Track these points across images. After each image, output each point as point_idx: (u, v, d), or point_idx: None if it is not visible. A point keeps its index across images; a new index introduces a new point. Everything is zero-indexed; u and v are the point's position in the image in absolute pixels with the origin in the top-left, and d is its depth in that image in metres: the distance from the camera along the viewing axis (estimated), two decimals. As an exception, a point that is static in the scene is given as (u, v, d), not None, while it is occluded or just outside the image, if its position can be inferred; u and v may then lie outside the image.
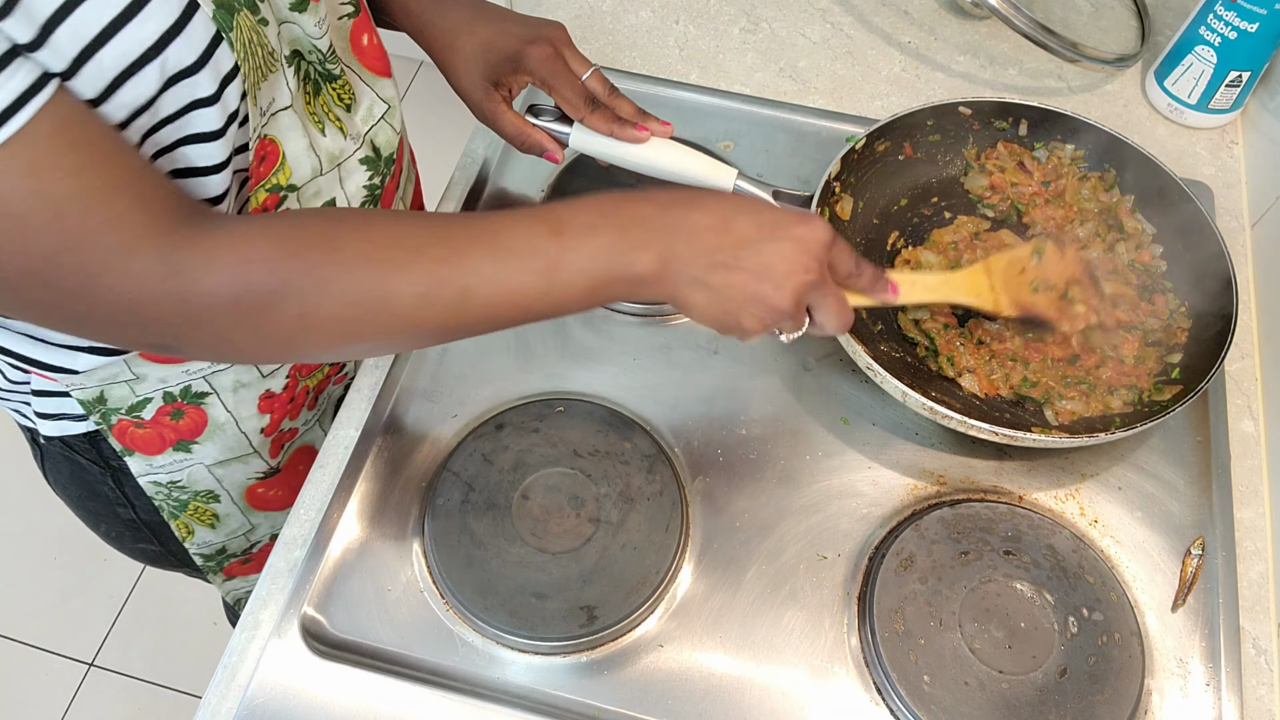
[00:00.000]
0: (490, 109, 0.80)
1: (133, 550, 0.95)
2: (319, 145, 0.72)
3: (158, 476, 0.82)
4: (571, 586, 0.72)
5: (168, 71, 0.54)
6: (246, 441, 0.83)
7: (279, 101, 0.67)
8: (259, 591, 0.73)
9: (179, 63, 0.54)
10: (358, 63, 0.75)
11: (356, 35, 0.74)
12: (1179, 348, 0.82)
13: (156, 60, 0.53)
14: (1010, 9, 0.92)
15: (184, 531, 0.89)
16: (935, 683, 0.68)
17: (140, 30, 0.51)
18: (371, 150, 0.77)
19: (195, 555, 0.94)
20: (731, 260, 0.59)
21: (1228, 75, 0.96)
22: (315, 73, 0.71)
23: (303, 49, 0.68)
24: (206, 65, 0.56)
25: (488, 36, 0.79)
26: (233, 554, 0.96)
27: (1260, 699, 0.71)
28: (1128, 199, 0.89)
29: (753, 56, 1.07)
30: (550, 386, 0.83)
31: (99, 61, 0.50)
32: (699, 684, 0.70)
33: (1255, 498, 0.79)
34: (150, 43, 0.52)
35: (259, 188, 0.68)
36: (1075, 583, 0.72)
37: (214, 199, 0.64)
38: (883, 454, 0.80)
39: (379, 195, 0.80)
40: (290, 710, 0.68)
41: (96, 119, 0.51)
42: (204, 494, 0.86)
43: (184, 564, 0.97)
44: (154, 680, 1.69)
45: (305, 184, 0.72)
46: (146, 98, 0.54)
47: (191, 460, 0.82)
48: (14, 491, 1.83)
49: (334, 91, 0.73)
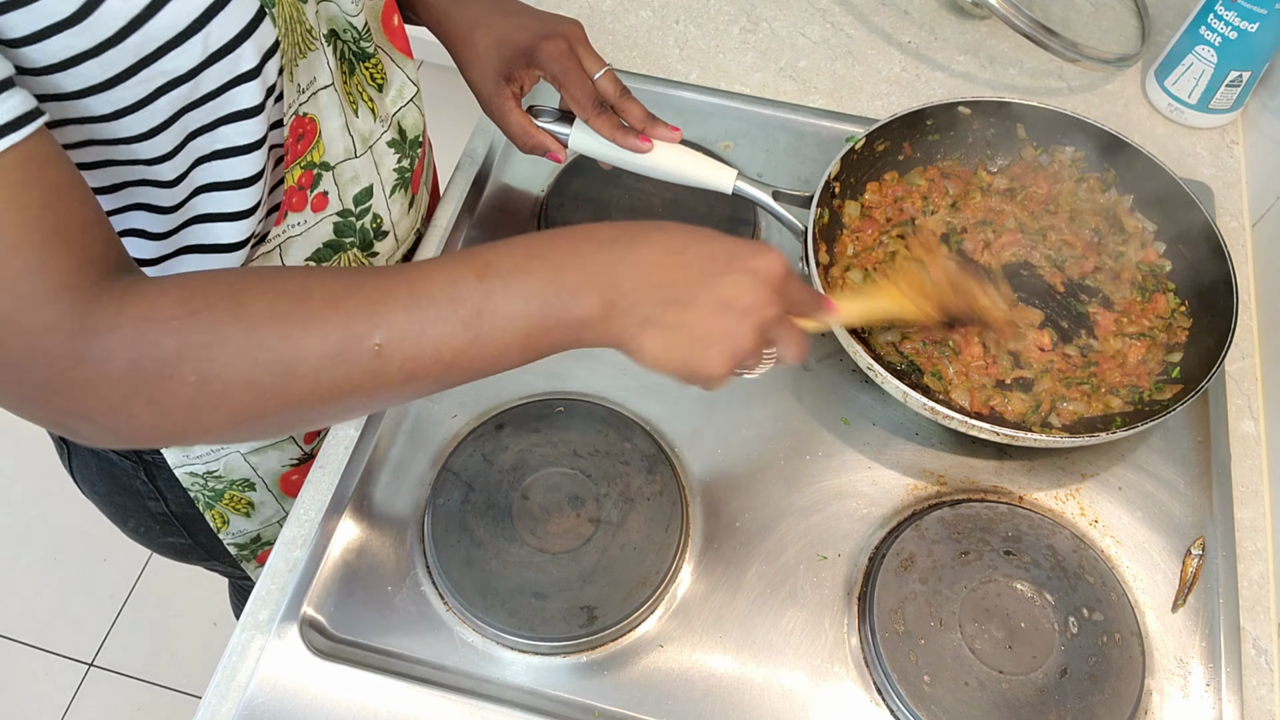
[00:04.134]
0: (498, 104, 0.80)
1: (160, 545, 0.96)
2: (353, 126, 0.72)
3: (194, 467, 0.82)
4: (571, 586, 0.72)
5: (210, 46, 0.54)
6: None
7: (320, 80, 0.67)
8: (259, 591, 0.73)
9: (222, 37, 0.54)
10: (389, 43, 0.76)
11: (388, 15, 0.75)
12: (1179, 348, 0.82)
13: (200, 34, 0.53)
14: (1010, 9, 0.92)
15: (219, 522, 0.90)
16: (935, 683, 0.68)
17: (186, 4, 0.52)
18: (398, 133, 0.78)
19: (230, 545, 0.94)
20: (686, 296, 0.54)
21: (1228, 75, 0.96)
22: (350, 52, 0.71)
23: (339, 27, 0.69)
24: (249, 39, 0.56)
25: (503, 30, 0.79)
26: (266, 542, 0.96)
27: (1260, 699, 0.71)
28: (1126, 199, 0.89)
29: (753, 56, 1.07)
30: (550, 386, 0.83)
31: (146, 32, 0.51)
32: (699, 684, 0.70)
33: (1255, 498, 0.79)
34: (195, 16, 0.52)
35: (295, 165, 0.68)
36: (1075, 583, 0.72)
37: (249, 179, 0.63)
38: (883, 454, 0.80)
39: (409, 179, 0.80)
40: (290, 710, 0.68)
41: (65, 163, 0.50)
42: (240, 482, 0.86)
43: (211, 556, 0.97)
44: (154, 680, 1.69)
45: (339, 164, 0.72)
46: (185, 69, 0.54)
47: (227, 449, 0.82)
48: (14, 492, 1.83)
49: (367, 71, 0.74)
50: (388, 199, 0.80)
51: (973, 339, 0.81)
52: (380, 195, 0.79)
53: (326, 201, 0.74)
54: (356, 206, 0.77)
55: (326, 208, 0.75)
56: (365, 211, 0.78)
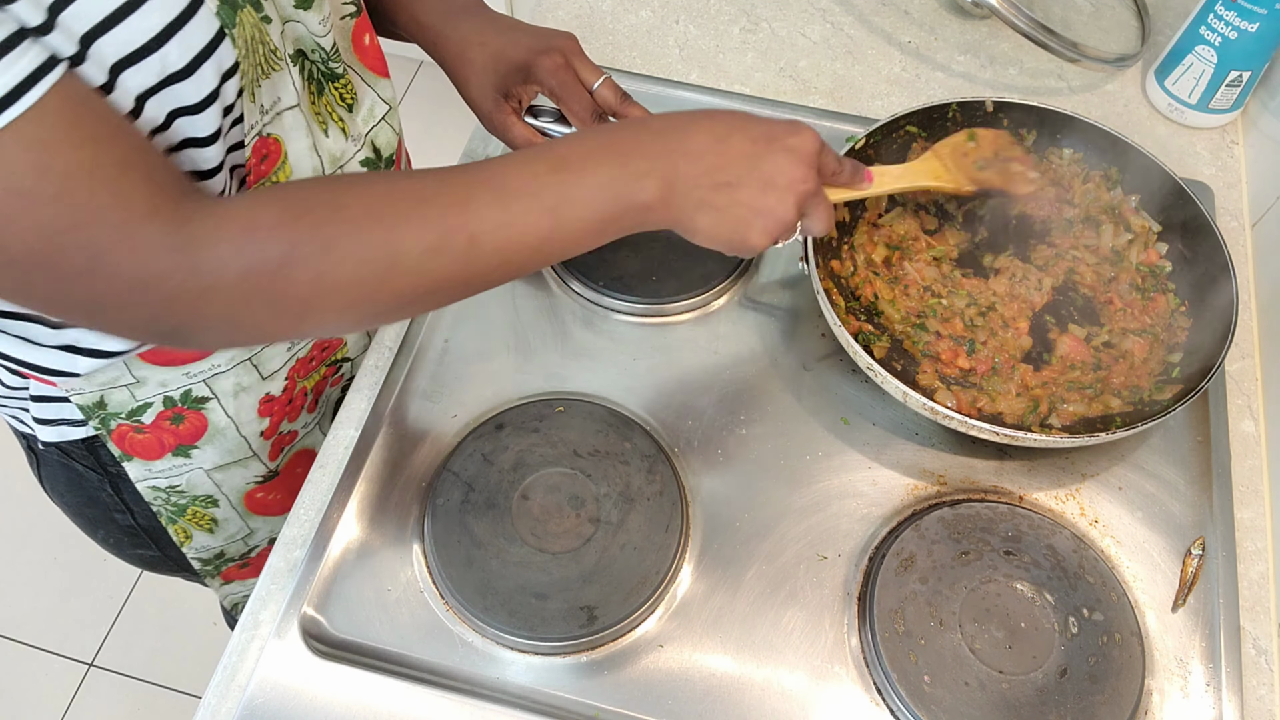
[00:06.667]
0: (500, 120, 0.80)
1: (131, 556, 0.95)
2: (321, 146, 0.72)
3: (156, 481, 0.82)
4: (571, 586, 0.72)
5: (169, 67, 0.54)
6: (246, 445, 0.83)
7: (284, 100, 0.67)
8: (259, 591, 0.73)
9: (180, 59, 0.54)
10: (359, 63, 0.75)
11: (358, 35, 0.74)
12: (1179, 347, 0.82)
13: (157, 54, 0.53)
14: (1010, 9, 0.92)
15: (182, 536, 0.89)
16: (935, 683, 0.68)
17: (144, 21, 0.52)
18: (372, 151, 0.77)
19: (193, 560, 0.94)
20: (734, 179, 0.60)
21: (1228, 75, 0.96)
22: (319, 72, 0.71)
23: (306, 48, 0.68)
24: (208, 61, 0.56)
25: (498, 47, 0.79)
26: (230, 558, 0.96)
27: (1260, 699, 0.71)
28: (1130, 199, 0.89)
29: (753, 56, 1.07)
30: (550, 386, 0.83)
31: (99, 49, 0.50)
32: (699, 684, 0.70)
33: (1255, 498, 0.79)
34: (153, 34, 0.52)
35: (258, 186, 0.68)
36: (1075, 583, 0.72)
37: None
38: (883, 454, 0.80)
39: None
40: (290, 710, 0.68)
41: (103, 100, 0.51)
42: (203, 498, 0.86)
43: (182, 569, 0.97)
44: (154, 680, 1.69)
45: None
46: (147, 87, 0.54)
47: (191, 465, 0.82)
48: (14, 492, 1.83)
49: (336, 91, 0.73)
50: None
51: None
52: None
53: None
54: None
55: None
56: None
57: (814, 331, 0.86)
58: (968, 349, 0.82)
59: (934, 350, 0.82)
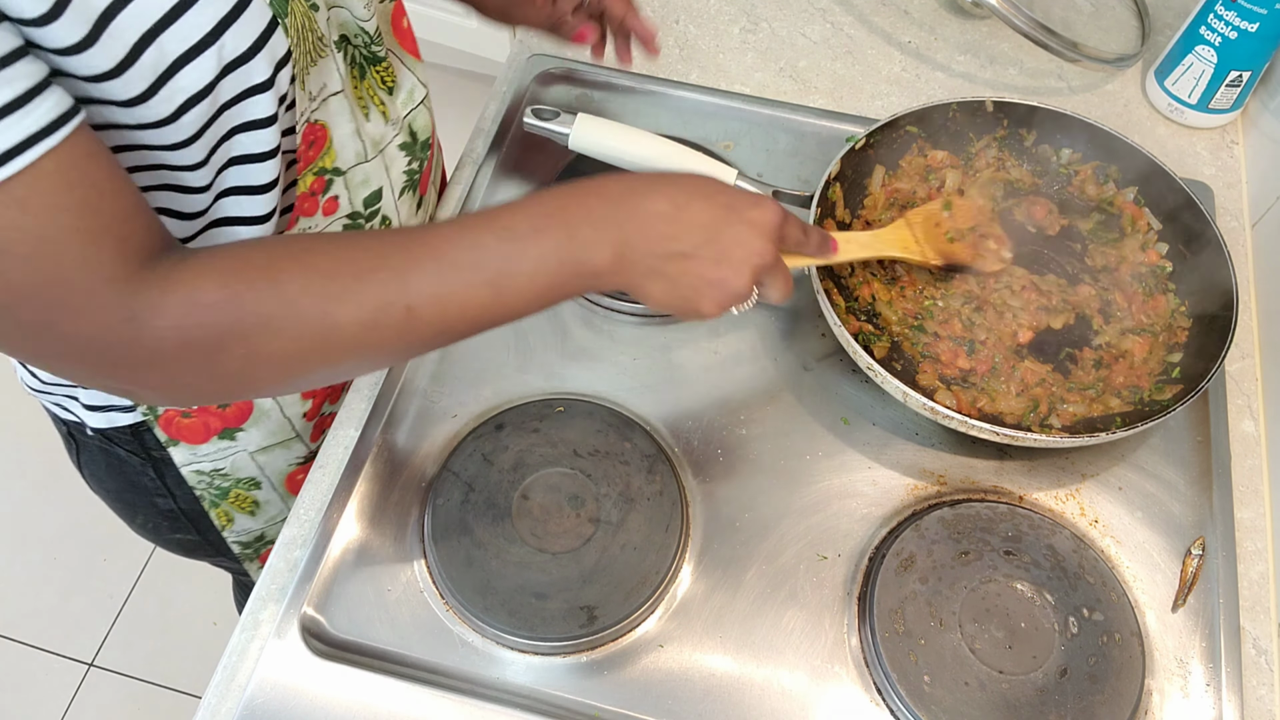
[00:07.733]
0: (519, 4, 0.83)
1: (169, 541, 0.96)
2: (364, 130, 0.73)
3: (201, 465, 0.83)
4: (571, 586, 0.72)
5: (225, 58, 0.55)
6: (290, 426, 0.85)
7: (330, 86, 0.68)
8: (259, 591, 0.73)
9: (235, 49, 0.55)
10: (399, 45, 0.76)
11: (397, 18, 0.76)
12: (1179, 348, 0.82)
13: (214, 46, 0.53)
14: (1010, 9, 0.92)
15: (223, 520, 0.90)
16: (935, 683, 0.68)
17: (199, 17, 0.52)
18: (409, 135, 0.79)
19: (233, 544, 0.94)
20: (689, 249, 0.59)
21: (1228, 75, 0.96)
22: (361, 56, 0.72)
23: (350, 32, 0.69)
24: (262, 51, 0.56)
25: None
26: (269, 540, 0.97)
27: (1260, 699, 0.71)
28: (1130, 199, 0.89)
29: (753, 56, 1.07)
30: (550, 386, 0.83)
31: (160, 47, 0.51)
32: (699, 684, 0.70)
33: (1255, 498, 0.79)
34: (208, 29, 0.53)
35: (306, 171, 0.69)
36: (1075, 583, 0.72)
37: (267, 185, 0.65)
38: (883, 454, 0.80)
39: (417, 180, 0.81)
40: (290, 710, 0.68)
41: (104, 155, 0.51)
42: (245, 481, 0.87)
43: (220, 553, 0.97)
44: (154, 680, 1.69)
45: (350, 168, 0.73)
46: (203, 84, 0.54)
47: (235, 448, 0.83)
48: (14, 492, 1.83)
49: (378, 75, 0.74)
50: (396, 201, 0.80)
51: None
52: (389, 197, 0.79)
53: (337, 205, 0.75)
54: (366, 209, 0.77)
55: (337, 211, 0.75)
56: (375, 214, 0.78)
57: (814, 331, 0.86)
58: (967, 349, 0.82)
59: (933, 352, 0.82)
